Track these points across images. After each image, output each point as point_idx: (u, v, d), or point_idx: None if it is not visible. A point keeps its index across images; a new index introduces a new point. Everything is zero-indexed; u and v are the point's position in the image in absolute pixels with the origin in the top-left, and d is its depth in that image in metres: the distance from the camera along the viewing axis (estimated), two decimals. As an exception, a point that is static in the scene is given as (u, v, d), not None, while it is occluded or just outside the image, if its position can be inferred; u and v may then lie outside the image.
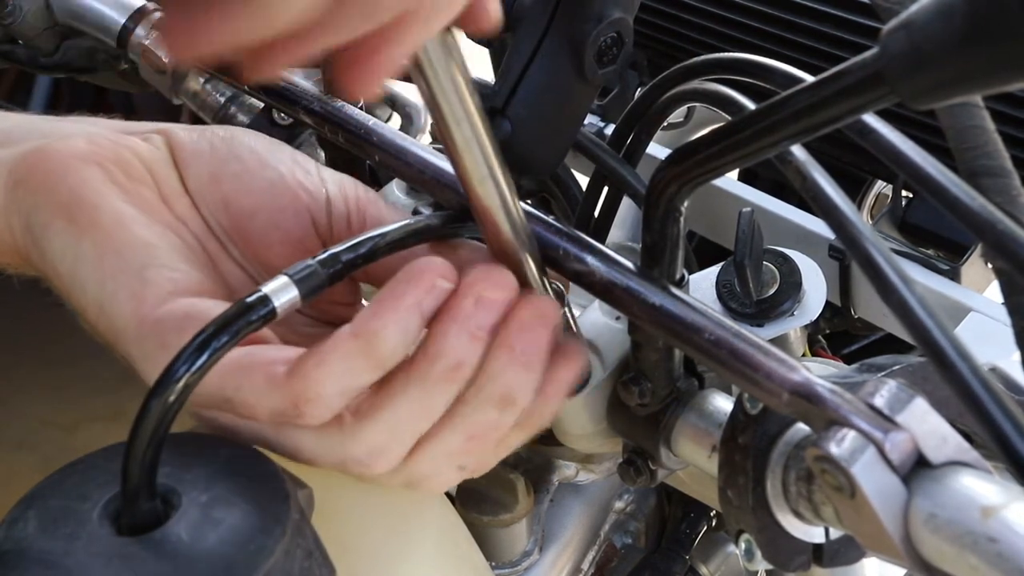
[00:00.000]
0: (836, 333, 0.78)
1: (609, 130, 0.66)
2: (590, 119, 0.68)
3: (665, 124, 0.59)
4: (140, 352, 0.37)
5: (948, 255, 0.64)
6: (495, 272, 0.36)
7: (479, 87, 0.35)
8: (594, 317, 0.48)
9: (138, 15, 0.70)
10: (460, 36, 0.34)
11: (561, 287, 0.39)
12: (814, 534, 0.40)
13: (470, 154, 0.35)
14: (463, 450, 0.38)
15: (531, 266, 0.38)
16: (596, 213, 0.58)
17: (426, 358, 0.35)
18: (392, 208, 0.45)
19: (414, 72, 0.33)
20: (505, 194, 0.37)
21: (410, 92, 0.69)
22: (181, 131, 0.44)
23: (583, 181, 0.61)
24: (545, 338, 0.37)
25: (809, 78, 0.31)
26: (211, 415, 0.38)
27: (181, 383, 0.32)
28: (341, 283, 0.38)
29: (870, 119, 0.34)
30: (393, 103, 0.69)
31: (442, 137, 0.35)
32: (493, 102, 0.51)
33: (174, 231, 0.41)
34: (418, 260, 0.35)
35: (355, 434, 0.36)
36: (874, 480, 0.31)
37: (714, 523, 0.81)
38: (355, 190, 0.44)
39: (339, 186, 0.44)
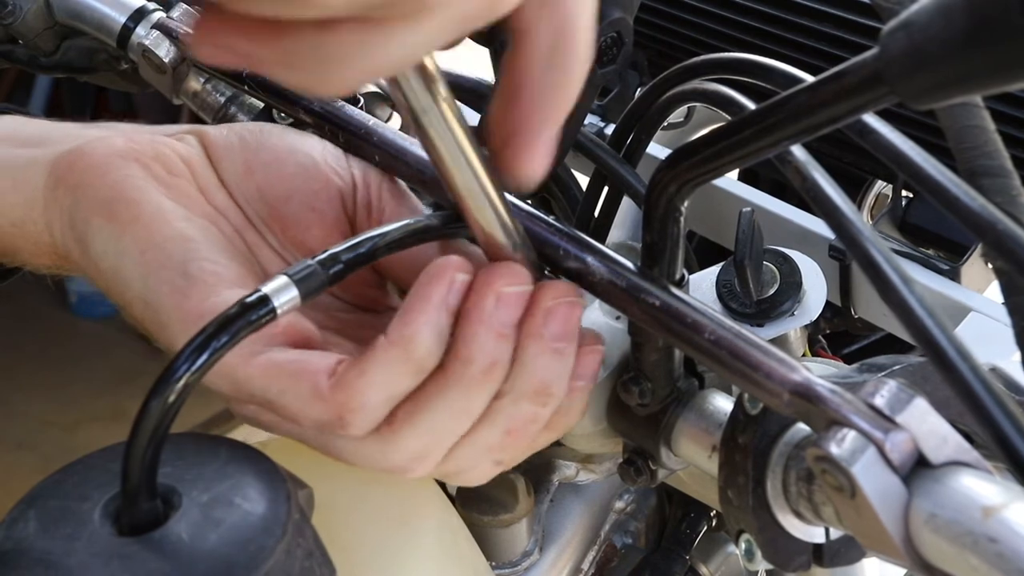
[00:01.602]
0: (836, 333, 0.78)
1: (609, 130, 0.66)
2: (590, 119, 0.68)
3: (665, 124, 0.59)
4: None
5: (948, 255, 0.64)
6: (509, 267, 0.37)
7: (479, 87, 0.35)
8: (594, 317, 0.48)
9: (138, 15, 0.70)
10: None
11: (546, 269, 0.40)
12: (814, 534, 0.40)
13: (457, 168, 0.35)
14: (501, 445, 0.39)
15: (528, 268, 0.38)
16: (596, 213, 0.58)
17: (459, 362, 0.36)
18: (413, 204, 0.45)
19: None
20: (495, 201, 0.37)
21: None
22: (212, 129, 0.46)
23: (583, 181, 0.61)
24: (573, 319, 0.37)
25: (809, 78, 0.31)
26: (252, 412, 0.39)
27: (181, 383, 0.32)
28: (366, 269, 0.38)
29: (870, 119, 0.34)
30: (393, 103, 0.69)
31: (428, 152, 0.35)
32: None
33: (214, 223, 0.42)
34: (434, 262, 0.36)
35: (396, 442, 0.37)
36: (874, 480, 0.31)
37: (714, 523, 0.81)
38: (379, 181, 0.45)
39: (364, 173, 0.45)
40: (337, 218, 0.44)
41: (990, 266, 0.59)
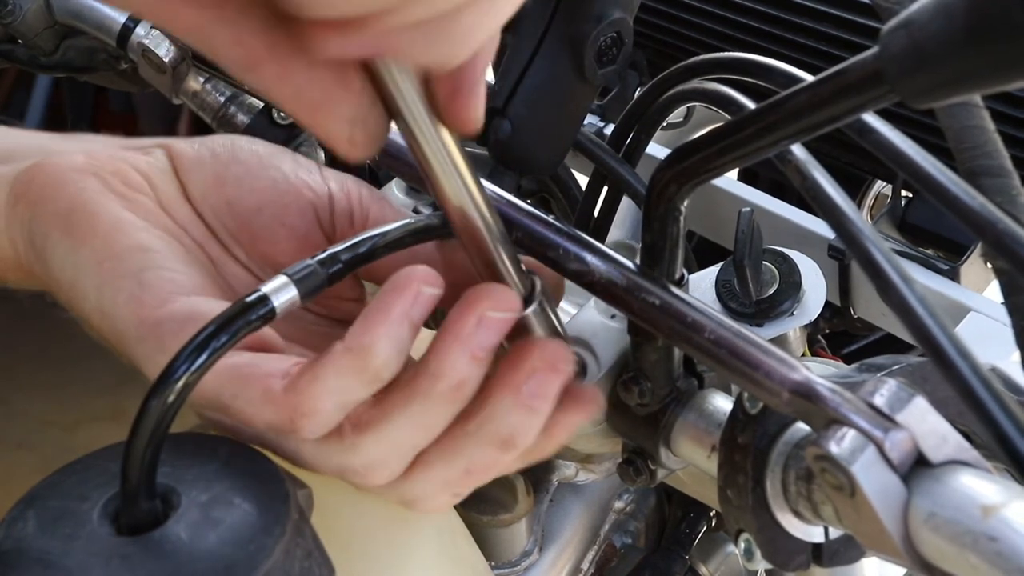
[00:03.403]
0: (836, 333, 0.78)
1: (609, 130, 0.66)
2: (590, 119, 0.68)
3: (665, 124, 0.60)
4: (142, 353, 0.37)
5: (948, 255, 0.64)
6: (497, 291, 0.36)
7: None
8: (589, 316, 0.48)
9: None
10: None
11: (537, 279, 0.39)
12: (814, 533, 0.40)
13: (434, 156, 0.35)
14: (460, 481, 0.38)
15: (504, 260, 0.37)
16: (596, 213, 0.58)
17: (427, 376, 0.35)
18: (394, 207, 0.45)
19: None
20: (472, 189, 0.36)
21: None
22: (182, 143, 0.45)
23: (583, 181, 0.61)
24: (554, 385, 0.36)
25: (809, 78, 0.31)
26: (216, 416, 0.39)
27: (180, 383, 0.32)
28: (345, 280, 0.38)
29: (870, 118, 0.34)
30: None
31: (409, 144, 0.35)
32: (493, 102, 0.51)
33: (174, 236, 0.41)
34: (401, 271, 0.35)
35: (354, 446, 0.36)
36: (874, 479, 0.31)
37: (714, 523, 0.81)
38: (358, 188, 0.45)
39: (341, 184, 0.45)
40: (309, 232, 0.43)
41: (990, 266, 0.59)
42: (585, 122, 0.62)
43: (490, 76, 0.59)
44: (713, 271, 0.53)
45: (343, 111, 0.30)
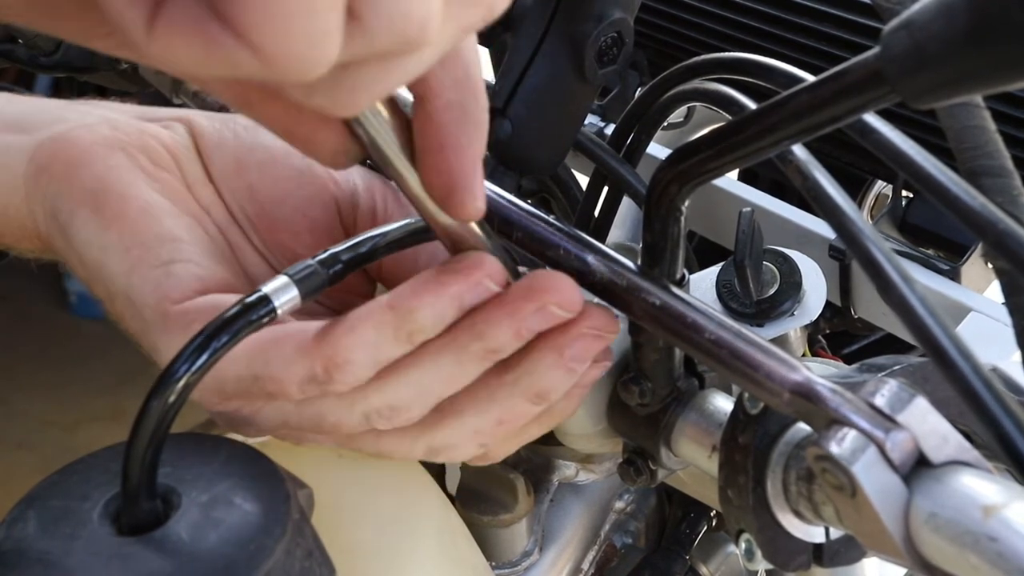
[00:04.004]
0: (836, 333, 0.78)
1: (609, 130, 0.66)
2: (590, 119, 0.68)
3: (665, 124, 0.59)
4: (165, 344, 0.38)
5: (948, 255, 0.64)
6: (565, 287, 0.36)
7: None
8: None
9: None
10: None
11: (510, 250, 0.39)
12: (814, 534, 0.40)
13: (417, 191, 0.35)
14: (491, 431, 0.39)
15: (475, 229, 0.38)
16: (596, 213, 0.58)
17: (467, 335, 0.35)
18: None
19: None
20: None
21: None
22: (203, 119, 0.45)
23: (583, 181, 0.61)
24: (596, 350, 0.37)
25: (810, 78, 0.31)
26: (230, 408, 0.39)
27: (181, 383, 0.32)
28: (356, 274, 0.38)
29: (871, 119, 0.34)
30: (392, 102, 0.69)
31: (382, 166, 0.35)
32: (493, 102, 0.51)
33: (199, 221, 0.41)
34: (476, 254, 0.36)
35: (380, 388, 0.36)
36: (875, 479, 0.30)
37: (714, 523, 0.81)
38: (383, 187, 0.45)
39: (368, 182, 0.45)
40: (330, 226, 0.43)
41: (990, 266, 0.59)
42: (585, 122, 0.62)
43: (490, 77, 0.59)
44: (714, 271, 0.53)
45: (328, 145, 0.33)
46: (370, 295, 0.45)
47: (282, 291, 0.35)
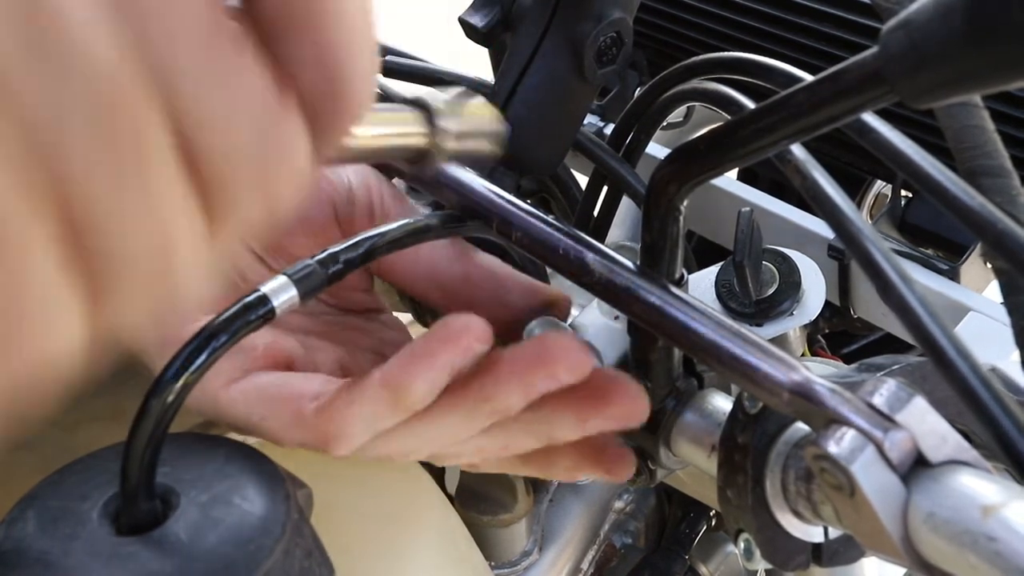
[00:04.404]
0: (835, 333, 0.78)
1: (609, 130, 0.66)
2: (590, 119, 0.68)
3: (665, 124, 0.60)
4: (162, 357, 0.38)
5: (947, 255, 0.64)
6: (575, 354, 0.36)
7: (478, 86, 0.35)
8: (592, 317, 0.48)
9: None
10: (459, 34, 0.33)
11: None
12: (813, 533, 0.40)
13: None
14: (495, 452, 0.39)
15: None
16: (596, 212, 0.58)
17: (477, 396, 0.36)
18: (415, 205, 0.45)
19: None
20: None
21: (408, 89, 0.69)
22: None
23: (583, 181, 0.61)
24: (616, 426, 0.38)
25: (809, 78, 0.31)
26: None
27: (180, 383, 0.32)
28: (356, 271, 0.38)
29: (869, 118, 0.34)
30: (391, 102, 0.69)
31: None
32: (493, 102, 0.51)
33: None
34: (456, 317, 0.35)
35: (387, 442, 0.37)
36: (873, 479, 0.30)
37: (713, 523, 0.81)
38: (379, 185, 0.45)
39: (362, 179, 0.45)
40: (325, 225, 0.44)
41: (989, 266, 0.59)
42: (585, 122, 0.62)
43: (490, 77, 0.59)
44: (713, 271, 0.53)
45: None
46: (369, 291, 0.45)
47: (281, 291, 0.35)
